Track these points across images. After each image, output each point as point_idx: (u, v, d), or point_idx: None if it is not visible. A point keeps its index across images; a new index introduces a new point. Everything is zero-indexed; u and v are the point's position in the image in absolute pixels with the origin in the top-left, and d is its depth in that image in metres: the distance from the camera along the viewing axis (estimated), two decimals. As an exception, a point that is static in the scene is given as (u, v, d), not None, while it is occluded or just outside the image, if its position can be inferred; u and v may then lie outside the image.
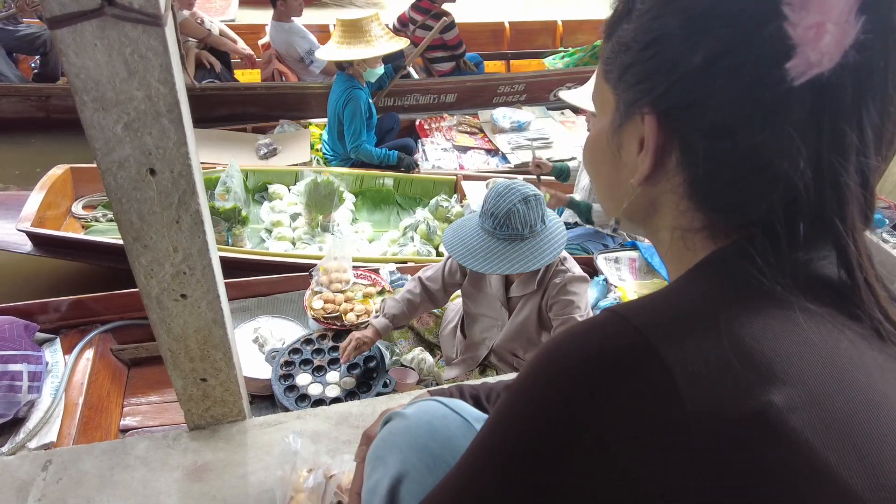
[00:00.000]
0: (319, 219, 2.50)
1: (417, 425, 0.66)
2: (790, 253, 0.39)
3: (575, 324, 0.41)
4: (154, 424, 1.66)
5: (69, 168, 2.49)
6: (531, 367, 0.40)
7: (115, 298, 1.80)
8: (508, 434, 0.39)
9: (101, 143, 0.75)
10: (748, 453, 0.33)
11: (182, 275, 0.88)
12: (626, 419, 0.35)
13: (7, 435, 1.44)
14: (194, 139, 0.83)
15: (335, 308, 1.80)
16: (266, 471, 1.07)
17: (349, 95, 2.74)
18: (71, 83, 0.70)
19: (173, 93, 0.73)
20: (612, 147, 0.47)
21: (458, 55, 3.95)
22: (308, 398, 1.58)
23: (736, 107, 0.38)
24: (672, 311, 0.38)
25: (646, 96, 0.42)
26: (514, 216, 1.35)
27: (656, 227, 0.48)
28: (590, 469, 0.35)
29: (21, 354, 1.46)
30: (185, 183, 0.80)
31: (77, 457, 1.06)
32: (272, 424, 1.15)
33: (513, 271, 1.36)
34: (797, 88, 0.36)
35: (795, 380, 0.34)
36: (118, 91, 0.72)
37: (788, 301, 0.37)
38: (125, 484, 1.03)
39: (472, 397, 0.80)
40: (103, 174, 0.78)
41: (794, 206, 0.38)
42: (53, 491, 1.01)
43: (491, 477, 0.40)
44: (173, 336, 0.95)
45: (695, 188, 0.42)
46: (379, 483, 0.64)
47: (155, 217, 0.82)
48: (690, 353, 0.35)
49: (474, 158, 3.35)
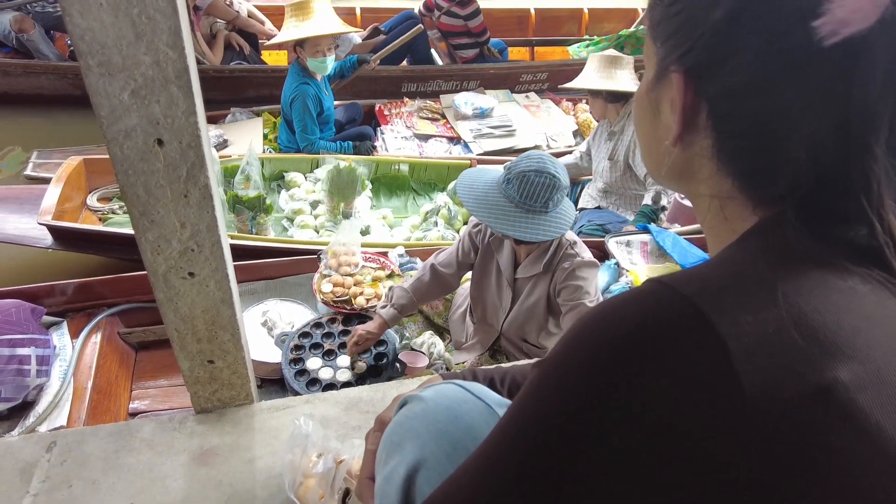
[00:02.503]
0: (342, 206, 2.47)
1: (436, 409, 0.62)
2: (830, 225, 0.37)
3: (614, 295, 0.38)
4: (163, 408, 1.65)
5: (82, 160, 2.46)
6: (568, 340, 0.37)
7: (121, 281, 1.78)
8: (542, 411, 0.36)
9: (106, 112, 0.72)
10: (810, 435, 0.31)
11: (190, 252, 0.85)
12: (672, 396, 0.32)
13: (16, 419, 1.43)
14: (203, 109, 0.79)
15: (344, 291, 1.78)
16: (274, 455, 1.05)
17: (296, 92, 2.69)
18: (75, 46, 0.67)
19: (182, 58, 0.70)
20: (651, 104, 0.46)
21: (483, 42, 3.91)
22: (318, 382, 1.57)
23: (759, 66, 0.36)
24: (723, 281, 0.35)
25: (673, 53, 0.41)
26: (547, 190, 1.34)
27: (694, 192, 0.46)
28: (631, 452, 0.32)
29: (28, 338, 1.44)
30: (193, 155, 0.77)
31: (82, 439, 1.04)
32: (280, 409, 1.12)
33: (536, 239, 1.36)
34: (827, 49, 0.33)
35: (862, 356, 0.32)
36: (125, 55, 0.68)
37: (847, 270, 0.35)
38: (130, 467, 1.01)
39: (486, 380, 0.77)
40: (109, 144, 0.75)
41: (824, 177, 0.36)
42: (58, 473, 0.99)
43: (521, 455, 0.36)
44: (180, 316, 0.92)
45: (722, 152, 0.41)
46: (395, 470, 0.60)
47: (162, 191, 0.79)
48: (746, 324, 0.32)
49: (435, 147, 3.21)
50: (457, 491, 0.41)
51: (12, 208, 2.27)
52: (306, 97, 2.69)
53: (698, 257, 1.93)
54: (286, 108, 2.80)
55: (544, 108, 3.64)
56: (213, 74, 3.47)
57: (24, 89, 3.51)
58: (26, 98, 3.53)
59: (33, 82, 3.47)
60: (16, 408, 1.44)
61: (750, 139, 0.39)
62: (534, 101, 3.72)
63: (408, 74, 3.76)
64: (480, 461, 0.40)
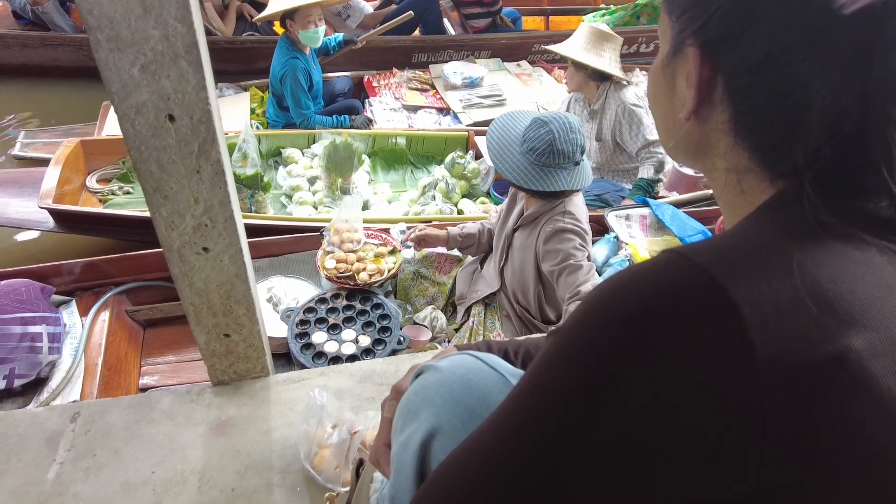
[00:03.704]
0: (339, 181, 2.46)
1: (451, 379, 0.63)
2: (849, 197, 0.37)
3: (631, 265, 0.39)
4: (172, 383, 1.68)
5: (80, 141, 2.45)
6: (583, 310, 0.37)
7: (127, 260, 1.79)
8: (557, 381, 0.36)
9: (117, 87, 0.72)
10: (824, 402, 0.31)
11: (203, 227, 0.86)
12: (689, 365, 0.32)
13: (30, 395, 1.46)
14: (214, 84, 0.79)
15: (347, 267, 1.80)
16: (289, 426, 1.07)
17: (286, 67, 2.67)
18: (84, 20, 0.66)
19: (192, 32, 0.70)
20: (667, 79, 0.46)
21: (495, 11, 3.85)
22: (324, 355, 1.59)
23: (778, 38, 0.36)
24: (739, 252, 0.36)
25: (689, 27, 0.41)
26: (579, 149, 1.43)
27: (710, 167, 0.46)
28: (647, 420, 0.33)
29: (40, 316, 1.46)
30: (205, 130, 0.78)
31: (104, 409, 1.07)
32: (295, 381, 1.15)
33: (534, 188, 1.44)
34: (846, 17, 0.33)
35: (877, 324, 0.32)
36: (133, 30, 0.68)
37: (864, 241, 0.35)
38: (151, 437, 1.04)
39: (500, 351, 0.78)
40: (121, 120, 0.75)
41: (844, 148, 0.36)
42: (82, 442, 1.02)
43: (535, 422, 0.37)
44: (195, 290, 0.94)
45: (739, 126, 0.41)
46: (411, 437, 0.62)
47: (174, 166, 0.80)
48: (761, 294, 0.33)
49: (425, 118, 3.16)
50: (469, 456, 0.42)
51: (13, 192, 2.28)
52: (296, 71, 2.68)
53: (697, 230, 1.94)
54: (276, 84, 2.78)
55: (536, 76, 3.59)
56: (226, 46, 3.46)
57: (42, 61, 3.53)
58: (45, 70, 3.55)
59: (51, 54, 3.49)
60: (29, 384, 1.47)
61: (768, 112, 0.39)
62: (525, 69, 3.67)
63: (419, 44, 3.73)
64: (494, 427, 0.41)
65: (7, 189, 2.30)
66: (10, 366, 1.40)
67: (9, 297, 1.47)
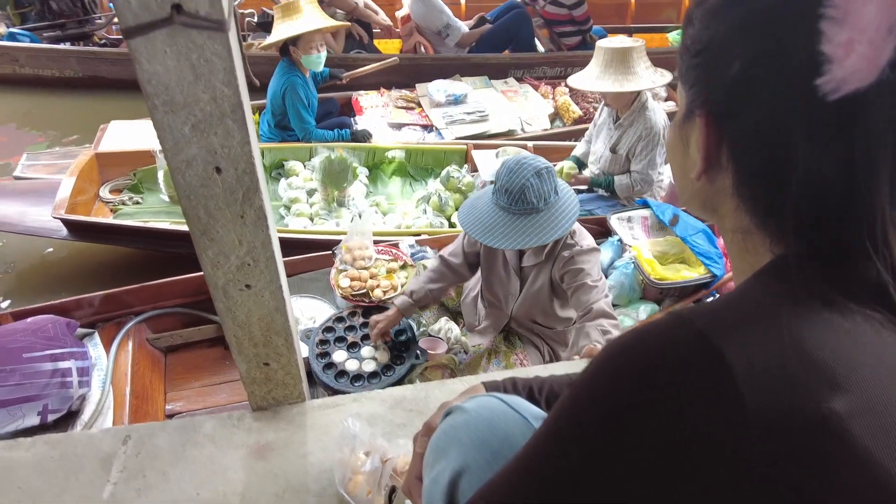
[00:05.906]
0: (335, 194, 2.54)
1: (477, 420, 0.69)
2: (837, 264, 0.40)
3: (639, 326, 0.44)
4: (198, 408, 1.73)
5: (94, 154, 2.61)
6: (596, 366, 0.42)
7: (144, 290, 1.84)
8: (571, 424, 0.41)
9: (170, 144, 0.78)
10: (805, 453, 0.34)
11: (247, 266, 0.92)
12: (687, 413, 0.36)
13: (62, 428, 1.50)
14: (256, 138, 0.85)
15: (362, 285, 1.85)
16: (325, 451, 1.11)
17: (286, 83, 2.77)
18: (143, 89, 0.73)
19: (237, 94, 0.76)
20: (682, 140, 0.51)
21: (586, 30, 4.13)
22: (346, 374, 1.65)
23: (770, 116, 0.41)
24: (735, 315, 0.40)
25: (697, 99, 0.46)
26: (528, 191, 1.38)
27: (720, 224, 0.51)
28: (650, 459, 0.37)
29: (68, 352, 1.51)
30: (248, 180, 0.84)
31: (152, 433, 1.13)
32: (330, 406, 1.20)
33: (529, 245, 1.40)
34: (832, 103, 0.37)
35: (855, 387, 0.36)
36: (186, 94, 0.74)
37: (850, 310, 0.39)
38: (195, 459, 1.09)
39: (525, 389, 0.83)
40: (173, 173, 0.81)
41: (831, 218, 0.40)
42: (133, 464, 1.07)
43: (553, 463, 0.41)
44: (238, 323, 1.00)
45: (740, 189, 0.45)
46: (441, 474, 0.67)
47: (220, 212, 0.86)
48: (752, 353, 0.37)
49: (409, 135, 3.28)
50: (491, 493, 0.47)
51: (31, 201, 2.41)
52: (296, 87, 2.77)
53: (697, 229, 2.00)
54: (276, 101, 2.85)
55: (522, 92, 3.72)
56: (337, 63, 3.62)
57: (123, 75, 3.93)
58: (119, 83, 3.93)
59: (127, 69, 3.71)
60: (61, 418, 1.51)
61: (762, 180, 0.43)
62: (512, 86, 3.80)
63: (514, 62, 3.99)
64: (518, 466, 0.45)
65: (27, 198, 2.43)
66: (43, 402, 1.45)
67: (37, 335, 1.52)
